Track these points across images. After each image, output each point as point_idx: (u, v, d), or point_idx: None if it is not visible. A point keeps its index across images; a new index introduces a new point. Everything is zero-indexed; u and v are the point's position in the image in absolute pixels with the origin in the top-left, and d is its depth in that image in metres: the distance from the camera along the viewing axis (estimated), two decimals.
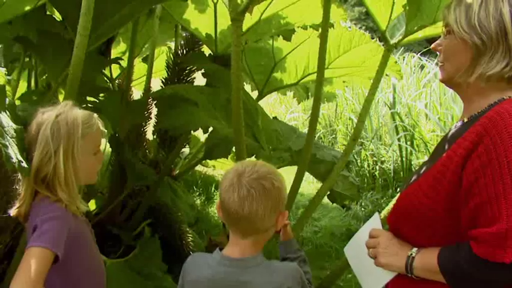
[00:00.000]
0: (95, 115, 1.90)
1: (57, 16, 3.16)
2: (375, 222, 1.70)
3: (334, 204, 3.72)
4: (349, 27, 3.69)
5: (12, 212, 1.83)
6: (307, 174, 4.40)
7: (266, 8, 3.34)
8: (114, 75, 4.17)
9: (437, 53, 1.63)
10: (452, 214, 1.44)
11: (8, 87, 2.02)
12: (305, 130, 5.54)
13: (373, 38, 3.65)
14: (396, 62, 3.84)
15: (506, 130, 1.36)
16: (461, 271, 1.39)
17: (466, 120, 1.55)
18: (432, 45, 1.65)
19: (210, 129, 2.97)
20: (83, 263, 1.87)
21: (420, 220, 1.51)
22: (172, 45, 4.59)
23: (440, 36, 1.64)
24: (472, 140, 1.40)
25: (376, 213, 1.73)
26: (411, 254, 1.50)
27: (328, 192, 3.25)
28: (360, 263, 1.71)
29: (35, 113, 1.82)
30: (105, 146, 4.27)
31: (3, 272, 2.52)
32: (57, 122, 1.77)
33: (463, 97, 1.61)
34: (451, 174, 1.43)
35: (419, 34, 2.93)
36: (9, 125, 1.81)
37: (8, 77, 2.00)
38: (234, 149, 3.13)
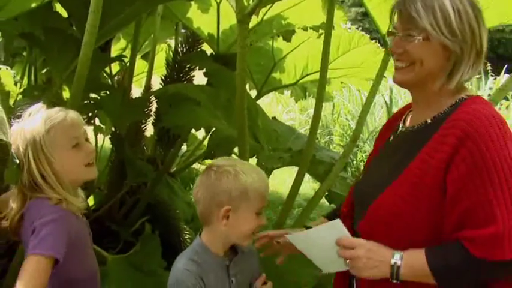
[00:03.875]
0: (66, 111, 1.82)
1: (63, 13, 3.18)
2: (337, 228, 1.60)
3: (330, 205, 3.75)
4: (349, 28, 3.73)
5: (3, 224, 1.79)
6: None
7: (268, 9, 3.37)
8: (114, 71, 4.19)
9: (393, 54, 1.60)
10: (432, 219, 1.46)
11: (14, 88, 2.04)
12: (302, 130, 5.57)
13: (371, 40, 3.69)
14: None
15: (487, 133, 1.40)
16: (455, 271, 1.42)
17: (429, 121, 1.56)
18: (390, 48, 1.62)
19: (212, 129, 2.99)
20: (80, 266, 1.85)
21: (399, 227, 1.50)
22: (172, 42, 4.61)
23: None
24: (452, 143, 1.42)
25: (339, 220, 1.61)
26: (395, 263, 1.48)
27: (326, 193, 3.28)
28: (315, 253, 1.68)
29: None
30: (103, 142, 4.29)
31: (4, 268, 2.52)
32: (22, 128, 1.75)
33: (419, 98, 1.62)
34: (431, 179, 1.44)
35: None
36: None
37: (16, 78, 2.01)
38: (234, 149, 3.16)
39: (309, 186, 5.64)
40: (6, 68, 1.88)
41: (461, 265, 1.41)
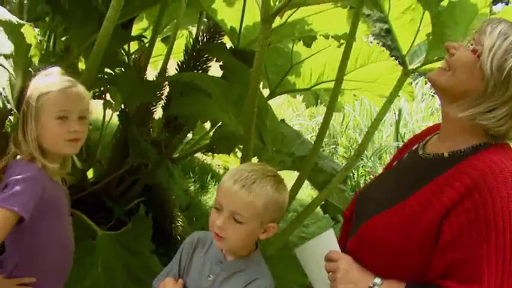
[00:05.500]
0: (73, 83, 1.82)
1: None
2: (330, 238, 1.62)
3: (324, 214, 3.76)
4: (370, 42, 3.73)
5: None
6: None
7: (293, 12, 3.38)
8: (132, 50, 4.21)
9: (447, 53, 1.51)
10: (420, 257, 1.41)
11: (36, 46, 2.06)
12: (308, 136, 5.58)
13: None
14: (410, 83, 3.86)
15: (497, 189, 1.33)
16: None
17: (446, 155, 1.48)
18: (448, 44, 1.51)
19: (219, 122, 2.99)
20: (52, 231, 1.84)
21: (385, 255, 1.46)
22: (193, 30, 4.62)
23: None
24: (459, 192, 1.35)
25: (331, 230, 1.63)
26: (374, 285, 1.44)
27: (323, 202, 3.29)
28: (314, 272, 1.65)
29: None
30: (110, 117, 4.31)
31: None
32: (30, 83, 1.79)
33: (444, 123, 1.53)
34: (428, 220, 1.39)
35: (438, 64, 2.96)
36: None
37: (39, 38, 2.03)
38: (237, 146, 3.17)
39: (307, 193, 5.65)
40: (30, 25, 1.89)
41: None
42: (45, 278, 1.84)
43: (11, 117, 1.72)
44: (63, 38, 4.18)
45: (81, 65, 3.66)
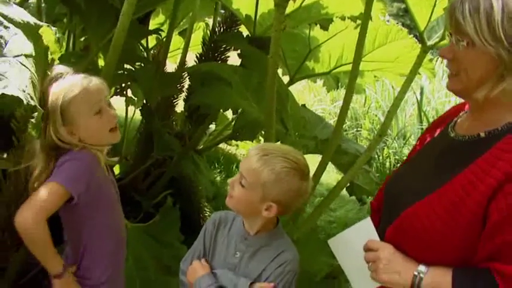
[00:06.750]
0: (89, 78, 1.85)
1: None
2: (368, 227, 1.58)
3: (351, 197, 3.76)
4: (388, 21, 3.70)
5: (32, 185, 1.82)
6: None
7: None
8: (150, 45, 4.24)
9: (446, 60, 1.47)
10: (466, 242, 1.38)
11: (55, 46, 2.09)
12: (331, 121, 5.57)
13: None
14: (431, 59, 3.81)
15: None
16: None
17: (482, 135, 1.44)
18: (441, 52, 1.48)
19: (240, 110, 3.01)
20: (106, 216, 1.90)
21: (429, 243, 1.42)
22: (210, 21, 4.65)
23: None
24: (504, 171, 1.31)
25: (369, 218, 1.59)
26: (419, 273, 1.41)
27: (348, 184, 3.29)
28: (350, 263, 1.62)
29: None
30: (133, 113, 4.36)
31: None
32: (50, 90, 1.79)
33: (475, 107, 1.49)
34: (473, 203, 1.35)
35: None
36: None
37: (58, 35, 2.06)
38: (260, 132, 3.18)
39: (333, 177, 5.65)
40: (48, 26, 1.92)
41: None
42: (99, 264, 1.91)
43: (33, 120, 1.76)
44: (82, 39, 4.23)
45: (101, 62, 3.71)
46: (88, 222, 1.86)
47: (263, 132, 2.87)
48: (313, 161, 3.03)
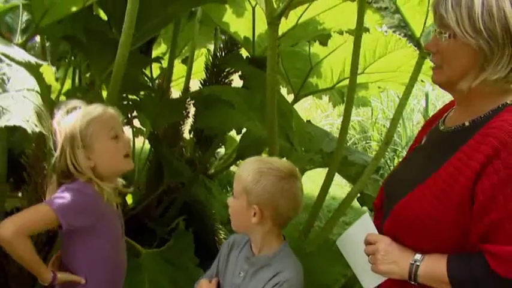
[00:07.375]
0: (103, 106, 1.91)
1: (103, 16, 3.30)
2: (367, 223, 1.64)
3: (362, 208, 3.76)
4: (385, 31, 3.73)
5: None
6: (339, 178, 4.38)
7: (303, 13, 3.42)
8: (155, 75, 4.31)
9: (431, 52, 1.55)
10: (459, 227, 1.41)
11: (55, 84, 2.14)
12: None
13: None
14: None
15: None
16: (474, 284, 1.39)
17: (467, 124, 1.50)
18: (426, 45, 1.58)
19: (244, 130, 3.04)
20: (105, 248, 1.92)
21: (423, 231, 1.47)
22: (211, 47, 4.71)
23: None
24: (486, 154, 1.36)
25: (367, 214, 1.67)
26: (415, 262, 1.46)
27: (359, 195, 3.29)
28: (355, 260, 1.67)
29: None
30: (143, 143, 4.41)
31: (44, 257, 2.63)
32: (61, 122, 1.84)
33: (460, 99, 1.56)
34: (460, 188, 1.39)
35: None
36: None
37: (56, 75, 2.12)
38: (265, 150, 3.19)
39: (346, 191, 5.63)
40: (48, 64, 1.98)
41: (483, 279, 1.37)
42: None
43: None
44: (88, 74, 4.32)
45: (105, 94, 3.77)
46: (86, 252, 1.88)
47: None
48: (322, 175, 3.05)
